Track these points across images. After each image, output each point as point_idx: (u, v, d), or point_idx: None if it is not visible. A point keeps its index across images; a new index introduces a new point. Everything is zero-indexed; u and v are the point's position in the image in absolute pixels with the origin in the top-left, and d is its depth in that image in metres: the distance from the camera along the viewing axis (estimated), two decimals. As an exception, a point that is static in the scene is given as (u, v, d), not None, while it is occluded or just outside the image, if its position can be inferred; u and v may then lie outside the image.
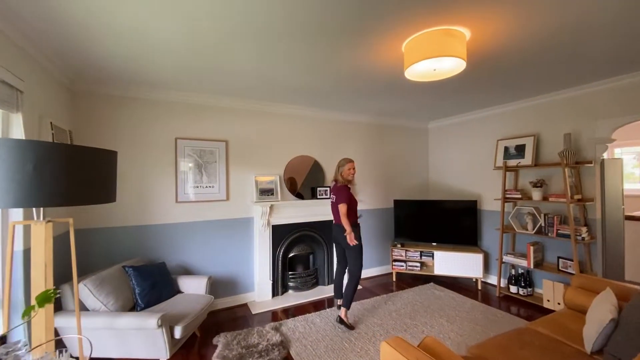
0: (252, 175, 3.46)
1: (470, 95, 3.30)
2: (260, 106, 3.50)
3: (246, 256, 3.46)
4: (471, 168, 4.19)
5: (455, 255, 3.82)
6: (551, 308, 3.03)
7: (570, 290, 2.20)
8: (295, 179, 3.70)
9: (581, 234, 2.88)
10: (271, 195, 3.48)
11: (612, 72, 2.68)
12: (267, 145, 3.59)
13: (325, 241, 3.87)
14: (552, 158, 3.27)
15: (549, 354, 1.71)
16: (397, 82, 2.82)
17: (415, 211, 4.19)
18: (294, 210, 3.64)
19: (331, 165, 3.99)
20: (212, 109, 3.29)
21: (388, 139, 4.50)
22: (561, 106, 3.21)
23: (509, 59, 2.33)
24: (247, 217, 3.46)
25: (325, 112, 3.91)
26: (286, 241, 3.60)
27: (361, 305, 3.30)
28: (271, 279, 3.50)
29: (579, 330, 1.91)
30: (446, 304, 3.30)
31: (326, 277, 3.87)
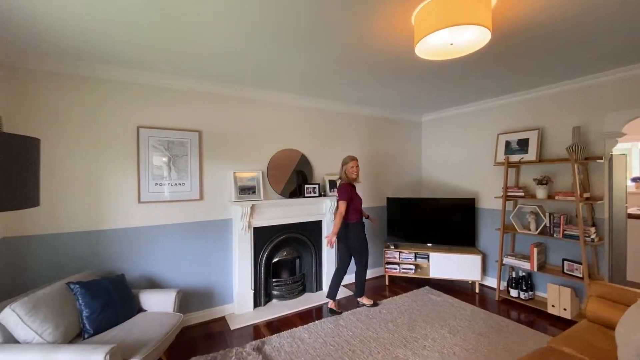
0: (231, 171, 3.02)
1: (474, 83, 3.01)
2: (240, 92, 3.06)
3: (224, 263, 3.04)
4: (468, 164, 3.94)
5: (452, 257, 3.57)
6: (556, 314, 2.84)
7: (593, 302, 1.96)
8: (280, 176, 3.30)
9: (590, 235, 2.68)
10: (252, 193, 3.06)
11: (626, 61, 2.46)
12: (248, 136, 3.15)
13: (313, 244, 3.51)
14: (557, 153, 3.05)
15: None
16: (400, 63, 2.46)
17: (409, 210, 3.91)
18: (278, 210, 3.24)
19: (320, 160, 3.62)
20: (183, 94, 2.82)
21: (381, 132, 4.17)
22: (568, 98, 2.99)
23: (528, 37, 2.02)
24: (225, 218, 3.03)
25: (313, 101, 3.51)
26: (270, 245, 3.21)
27: (353, 315, 2.98)
28: (253, 288, 3.10)
29: (608, 349, 1.66)
30: (445, 311, 3.03)
31: (314, 283, 3.52)
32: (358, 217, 3.06)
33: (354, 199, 3.03)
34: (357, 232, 3.06)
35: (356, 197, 3.09)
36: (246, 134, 3.14)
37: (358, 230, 3.06)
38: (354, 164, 3.01)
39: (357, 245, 3.06)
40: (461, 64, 2.48)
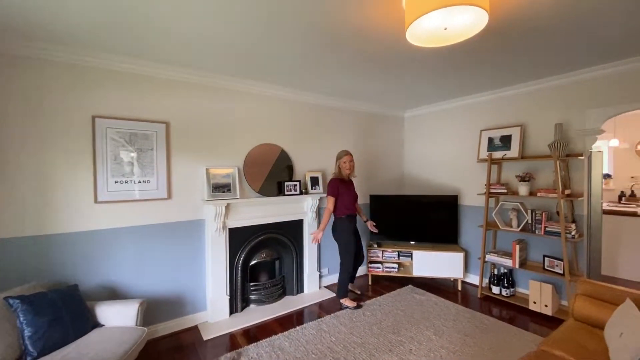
0: (203, 167, 2.77)
1: (459, 77, 2.92)
2: (214, 81, 2.80)
3: (196, 268, 2.79)
4: (450, 160, 3.90)
5: (435, 255, 3.51)
6: (537, 310, 2.84)
7: (580, 301, 1.92)
8: (258, 172, 3.08)
9: (571, 231, 2.69)
10: (228, 191, 2.82)
11: (606, 58, 2.46)
12: (222, 129, 2.90)
13: (294, 244, 3.33)
14: (538, 150, 3.05)
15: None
16: (388, 52, 2.32)
17: (393, 207, 3.81)
18: (256, 209, 3.03)
19: (301, 155, 3.43)
20: (147, 80, 2.52)
21: (363, 127, 4.04)
22: (549, 95, 2.98)
23: (515, 32, 1.94)
24: (196, 219, 2.77)
25: (294, 94, 3.31)
26: (247, 246, 2.99)
27: (336, 318, 2.83)
28: (228, 294, 2.88)
29: (600, 351, 1.62)
30: (429, 311, 2.96)
31: (295, 286, 3.34)
32: (346, 212, 3.02)
33: (342, 195, 3.00)
34: (342, 228, 3.03)
35: (346, 193, 3.04)
36: (220, 126, 2.89)
37: (343, 226, 3.03)
38: (347, 158, 2.99)
39: (339, 242, 3.08)
40: (449, 56, 2.37)
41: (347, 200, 3.04)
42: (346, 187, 3.10)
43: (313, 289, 3.44)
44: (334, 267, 3.73)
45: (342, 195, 3.01)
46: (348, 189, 3.12)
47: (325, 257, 3.67)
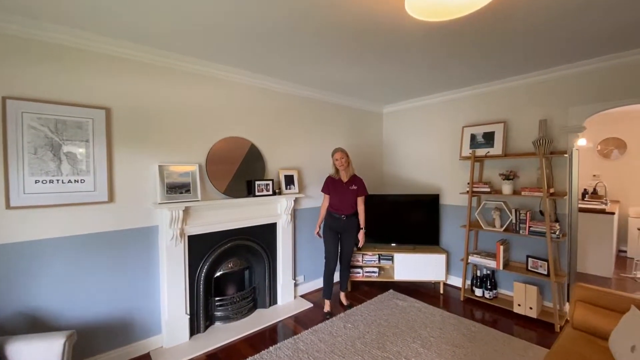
0: (155, 164, 2.31)
1: (443, 69, 2.74)
2: (169, 60, 2.35)
3: (147, 284, 2.33)
4: (430, 158, 3.75)
5: (417, 257, 3.34)
6: (522, 313, 2.75)
7: (580, 309, 1.79)
8: (223, 170, 2.67)
9: (556, 231, 2.62)
10: (186, 192, 2.40)
11: (590, 54, 2.39)
12: (180, 119, 2.46)
13: (266, 251, 2.96)
14: (520, 147, 2.97)
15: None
16: (379, 33, 2.04)
17: (373, 207, 3.57)
18: (222, 213, 2.62)
19: (274, 151, 3.07)
20: (81, 55, 2.02)
21: (341, 122, 3.76)
22: (532, 91, 2.90)
23: (504, 20, 1.76)
24: (147, 226, 2.31)
25: (266, 81, 2.93)
26: (211, 256, 2.58)
27: (315, 334, 2.53)
28: (188, 312, 2.45)
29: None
30: (414, 319, 2.76)
31: (267, 297, 2.98)
32: (329, 210, 2.96)
33: (331, 193, 2.94)
34: (323, 225, 3.00)
35: (335, 192, 2.92)
36: (178, 115, 2.45)
37: (324, 224, 2.99)
38: (337, 155, 2.86)
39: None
40: (434, 43, 2.15)
41: (334, 199, 2.95)
42: (338, 187, 2.92)
43: (288, 300, 3.10)
44: (310, 273, 3.43)
45: (332, 194, 2.95)
46: (340, 189, 2.91)
47: (301, 263, 3.35)
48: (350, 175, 2.92)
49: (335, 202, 2.90)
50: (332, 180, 2.93)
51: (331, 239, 2.91)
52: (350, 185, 2.91)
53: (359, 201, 2.94)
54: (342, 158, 2.84)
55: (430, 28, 1.95)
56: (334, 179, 2.93)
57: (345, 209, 2.88)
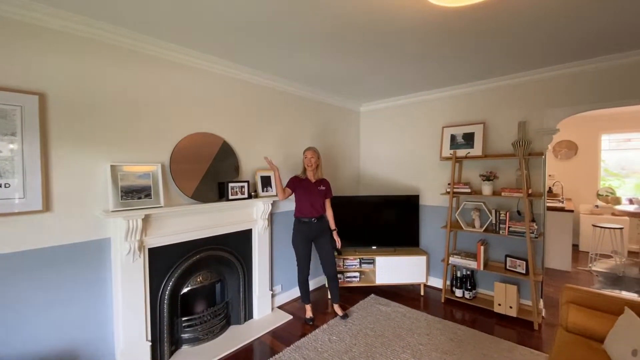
0: (106, 163, 1.92)
1: (427, 66, 2.67)
2: (127, 40, 1.96)
3: (97, 309, 1.92)
4: (409, 158, 3.70)
5: (398, 260, 3.25)
6: (502, 312, 2.77)
7: (574, 311, 1.78)
8: (191, 171, 2.33)
9: (534, 230, 2.67)
10: (147, 197, 2.03)
11: (568, 58, 2.46)
12: (138, 111, 2.07)
13: (240, 261, 2.66)
14: (498, 148, 3.01)
15: None
16: (358, 25, 1.86)
17: (352, 210, 3.43)
18: (189, 220, 2.28)
19: (249, 149, 2.77)
20: (11, 26, 1.58)
21: (319, 119, 3.55)
22: (510, 93, 2.95)
23: (484, 22, 1.70)
24: (96, 239, 1.91)
25: (240, 71, 2.63)
26: (176, 271, 2.23)
27: (298, 352, 2.30)
28: (149, 338, 2.08)
29: (610, 371, 1.45)
30: (400, 325, 2.65)
31: (242, 312, 2.68)
32: (297, 215, 2.75)
33: (298, 195, 2.73)
34: (293, 231, 2.79)
35: (303, 193, 2.70)
36: (135, 106, 2.06)
37: (294, 230, 2.79)
38: (308, 154, 2.71)
39: (292, 246, 2.82)
40: (421, 40, 2.04)
41: (302, 201, 2.72)
42: (306, 187, 2.72)
43: (265, 312, 2.83)
44: (288, 282, 3.18)
45: (298, 195, 2.75)
46: (308, 190, 2.71)
47: (278, 272, 3.09)
48: (317, 177, 2.77)
49: (304, 204, 2.70)
50: (299, 180, 2.74)
51: (303, 246, 2.72)
52: (319, 185, 2.76)
53: (327, 203, 2.83)
54: (312, 157, 2.69)
55: (414, 24, 1.84)
56: (301, 179, 2.74)
57: (315, 210, 2.71)
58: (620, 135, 5.12)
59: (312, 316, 2.75)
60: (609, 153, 5.28)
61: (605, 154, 5.27)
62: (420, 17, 1.79)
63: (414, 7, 1.67)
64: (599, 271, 3.97)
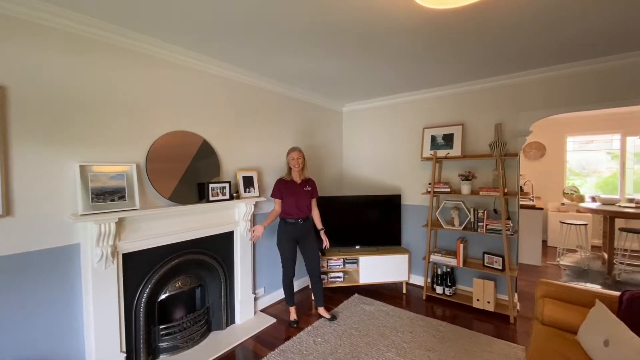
0: (75, 163, 1.78)
1: (410, 68, 2.71)
2: (100, 31, 1.83)
3: (66, 321, 1.78)
4: (390, 159, 3.75)
5: (381, 259, 3.29)
6: (481, 308, 2.87)
7: (549, 305, 1.86)
8: (169, 171, 2.22)
9: (509, 228, 2.79)
10: (120, 199, 1.90)
11: (541, 63, 2.59)
12: (111, 106, 1.95)
13: (222, 264, 2.57)
14: (476, 149, 3.11)
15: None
16: (345, 25, 1.85)
17: (336, 210, 3.42)
18: (167, 223, 2.17)
19: (230, 149, 2.69)
20: (-50, 8, 1.42)
21: (305, 120, 3.52)
22: (488, 95, 3.06)
23: (462, 25, 1.76)
24: (63, 245, 1.77)
25: (221, 67, 2.54)
26: (153, 276, 2.11)
27: (282, 355, 2.25)
28: (124, 349, 1.96)
29: None
30: (384, 324, 2.68)
31: (224, 317, 2.59)
32: (283, 216, 2.69)
33: (285, 197, 2.66)
34: (278, 232, 2.73)
35: (290, 195, 2.64)
36: (108, 102, 1.93)
37: (279, 231, 2.73)
38: (294, 155, 2.65)
39: (277, 247, 2.76)
40: (404, 43, 2.07)
41: (288, 203, 2.65)
42: (292, 189, 2.67)
43: (248, 317, 2.76)
44: (271, 284, 3.12)
45: (285, 197, 2.67)
46: (294, 191, 2.67)
47: (261, 274, 3.02)
48: (303, 177, 2.73)
49: (290, 205, 2.64)
50: (284, 183, 2.68)
51: (288, 247, 2.68)
52: (305, 186, 2.72)
53: (313, 203, 2.80)
54: (298, 158, 2.64)
55: (401, 26, 1.87)
56: (286, 181, 2.69)
57: (301, 212, 2.67)
58: (584, 137, 5.49)
59: (296, 318, 2.71)
60: (573, 154, 5.64)
61: (570, 155, 5.63)
62: (401, 21, 1.81)
63: (398, 8, 1.68)
64: (566, 265, 4.22)
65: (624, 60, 2.41)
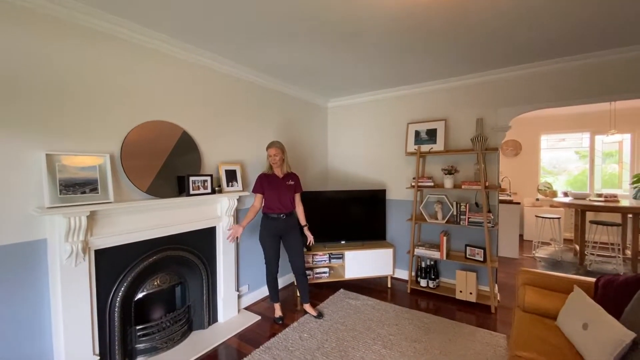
0: (40, 152, 1.64)
1: (394, 62, 2.72)
2: (64, 11, 1.69)
3: (31, 323, 1.64)
4: (375, 154, 3.76)
5: (366, 254, 3.29)
6: (464, 299, 2.93)
7: (531, 292, 1.92)
8: (146, 163, 2.10)
9: (490, 220, 2.86)
10: (93, 191, 1.78)
11: (516, 61, 2.67)
12: (82, 91, 1.81)
13: (203, 261, 2.48)
14: (459, 144, 3.17)
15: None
16: (337, 11, 1.82)
17: (321, 205, 3.39)
18: (144, 217, 2.06)
19: (211, 141, 2.60)
20: None
21: (288, 113, 3.46)
22: (469, 91, 3.13)
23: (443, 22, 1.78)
24: (28, 241, 1.63)
25: (203, 56, 2.44)
26: (130, 274, 1.99)
27: (268, 352, 2.19)
28: (97, 352, 1.84)
29: (564, 344, 1.57)
30: (370, 318, 2.67)
31: (206, 316, 2.50)
32: (265, 211, 2.63)
33: (267, 191, 2.60)
34: (260, 228, 2.67)
35: (271, 189, 2.58)
36: (79, 85, 1.80)
37: (261, 226, 2.67)
38: (271, 152, 2.58)
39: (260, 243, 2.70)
40: (390, 37, 2.07)
41: (270, 198, 2.60)
42: (274, 183, 2.61)
43: (231, 315, 2.67)
44: (255, 281, 3.05)
45: (267, 192, 2.61)
46: (276, 186, 2.60)
47: (244, 271, 2.94)
48: (285, 171, 2.68)
49: (272, 200, 2.58)
50: (267, 177, 2.62)
51: (270, 243, 2.61)
52: (287, 180, 2.66)
53: (297, 198, 2.74)
54: (275, 155, 2.57)
55: (387, 19, 1.86)
56: (268, 175, 2.63)
57: (284, 206, 2.61)
58: (557, 135, 5.75)
59: (281, 315, 2.66)
60: (545, 153, 5.90)
61: (543, 153, 5.88)
62: (385, 11, 1.80)
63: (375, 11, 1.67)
64: (541, 257, 4.40)
65: (602, 57, 2.50)
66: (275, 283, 2.70)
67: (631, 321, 1.40)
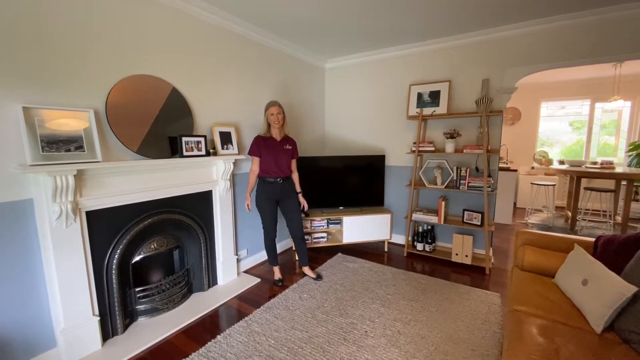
0: (17, 105, 1.50)
1: (390, 16, 2.52)
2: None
3: (24, 284, 1.60)
4: (374, 118, 3.64)
5: (365, 219, 3.29)
6: (459, 262, 2.99)
7: (529, 252, 1.93)
8: (134, 121, 1.96)
9: (490, 185, 2.84)
10: (79, 149, 1.66)
11: (530, 15, 2.50)
12: (63, 38, 1.62)
13: (200, 225, 2.43)
14: (462, 107, 3.06)
15: (563, 343, 1.26)
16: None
17: (319, 170, 3.32)
18: (136, 179, 1.96)
19: (204, 101, 2.44)
20: None
21: (283, 73, 3.26)
22: (474, 50, 2.96)
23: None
24: (12, 200, 1.53)
25: (190, 3, 2.20)
26: (125, 237, 1.94)
27: (269, 312, 2.23)
28: (97, 312, 1.83)
29: (562, 300, 1.61)
30: (368, 279, 2.72)
31: (205, 279, 2.50)
32: (262, 175, 2.54)
33: (264, 154, 2.49)
34: (257, 192, 2.59)
35: (268, 153, 2.47)
36: (58, 31, 1.61)
37: (257, 191, 2.59)
38: (274, 110, 2.44)
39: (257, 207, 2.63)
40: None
41: (267, 161, 2.50)
42: (271, 146, 2.51)
43: (230, 278, 2.69)
44: (254, 246, 3.04)
45: (264, 155, 2.51)
46: (273, 149, 2.51)
47: (242, 236, 2.92)
48: (283, 135, 2.56)
49: (269, 164, 2.49)
50: (263, 140, 2.50)
51: (268, 207, 2.56)
52: (285, 144, 2.56)
53: (293, 164, 2.66)
54: (278, 114, 2.45)
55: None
56: (265, 138, 2.51)
57: (281, 170, 2.53)
58: (557, 102, 5.65)
59: (280, 277, 2.69)
60: (541, 123, 5.82)
61: (540, 122, 5.81)
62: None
63: None
64: (533, 223, 4.50)
65: (622, 12, 2.34)
66: (274, 246, 2.70)
67: (632, 277, 1.41)
